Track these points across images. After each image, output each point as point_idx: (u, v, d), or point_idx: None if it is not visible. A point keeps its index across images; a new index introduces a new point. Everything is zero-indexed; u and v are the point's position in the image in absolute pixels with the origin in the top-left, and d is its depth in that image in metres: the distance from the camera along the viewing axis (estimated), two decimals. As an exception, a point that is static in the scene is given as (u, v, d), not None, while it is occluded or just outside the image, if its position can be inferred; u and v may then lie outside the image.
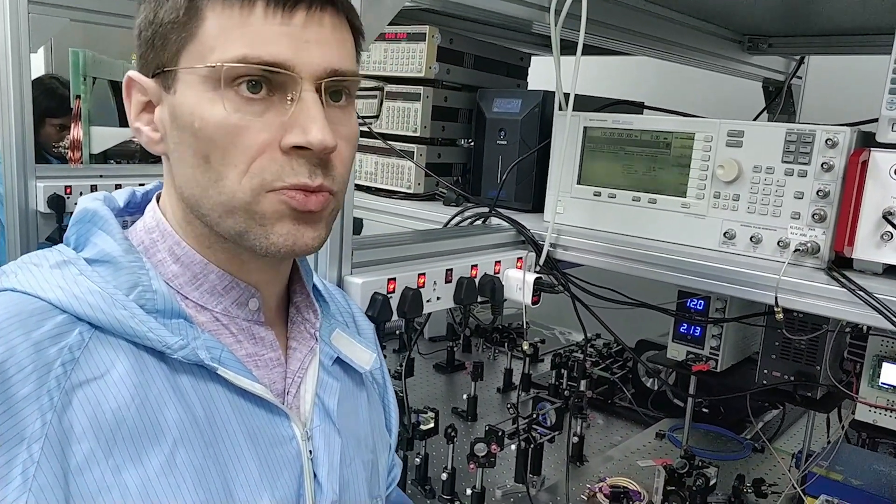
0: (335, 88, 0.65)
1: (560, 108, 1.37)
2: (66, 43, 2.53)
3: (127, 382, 0.60)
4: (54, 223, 1.82)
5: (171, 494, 0.60)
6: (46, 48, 2.78)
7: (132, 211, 0.74)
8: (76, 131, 2.07)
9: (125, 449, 0.59)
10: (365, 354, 0.81)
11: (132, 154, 2.34)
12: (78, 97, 2.10)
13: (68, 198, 1.82)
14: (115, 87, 2.45)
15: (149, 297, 0.63)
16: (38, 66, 2.74)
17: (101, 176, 1.95)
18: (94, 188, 1.87)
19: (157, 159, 0.72)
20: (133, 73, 0.67)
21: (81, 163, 2.09)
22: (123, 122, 2.46)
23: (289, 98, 0.62)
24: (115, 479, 0.58)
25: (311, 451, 0.71)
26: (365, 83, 0.70)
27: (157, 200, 0.72)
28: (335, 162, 0.65)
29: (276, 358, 0.73)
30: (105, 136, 2.15)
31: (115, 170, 2.14)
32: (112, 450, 0.58)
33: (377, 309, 1.03)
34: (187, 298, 0.68)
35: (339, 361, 0.78)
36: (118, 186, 1.93)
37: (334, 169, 0.65)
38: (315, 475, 0.71)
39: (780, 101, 2.15)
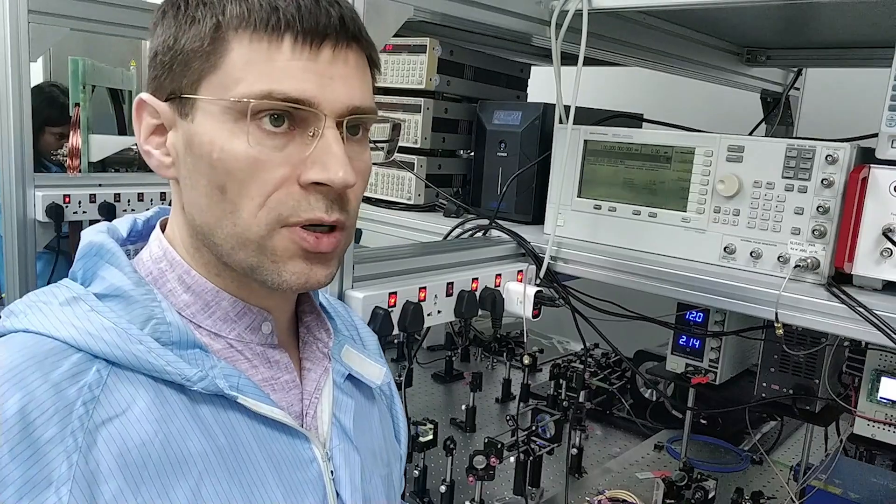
0: (353, 123, 0.65)
1: (560, 122, 1.38)
2: (64, 51, 2.53)
3: (149, 417, 0.60)
4: (52, 232, 1.82)
5: None
6: (45, 56, 2.78)
7: (134, 239, 0.73)
8: (75, 139, 2.07)
9: (152, 485, 0.58)
10: (374, 369, 0.81)
11: (131, 162, 2.34)
12: (77, 105, 2.10)
13: (67, 207, 1.81)
14: (114, 95, 2.45)
15: (163, 330, 0.63)
16: (36, 73, 2.74)
17: (99, 185, 1.94)
18: (92, 197, 1.87)
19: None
20: (145, 96, 0.66)
21: (80, 171, 2.08)
22: (122, 131, 2.46)
23: (310, 133, 0.62)
24: None
25: (332, 472, 0.71)
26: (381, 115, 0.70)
27: (162, 227, 0.72)
28: (350, 196, 0.66)
29: (292, 380, 0.72)
30: (104, 144, 2.15)
31: (114, 178, 2.13)
32: (140, 487, 0.57)
33: (378, 323, 1.03)
34: (200, 327, 0.67)
35: (349, 378, 0.78)
36: (117, 195, 1.94)
37: (349, 203, 0.66)
38: (338, 494, 0.71)
39: (778, 112, 2.16)
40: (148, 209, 0.75)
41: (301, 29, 0.61)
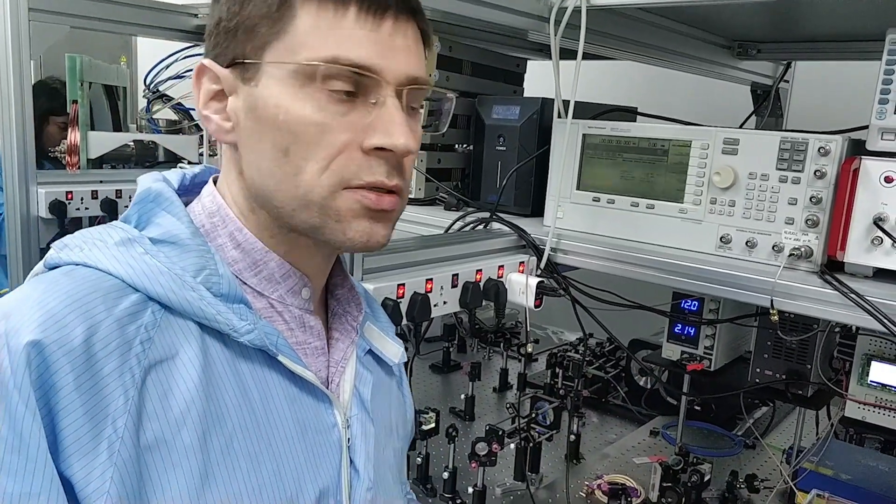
0: (413, 94, 0.67)
1: (559, 116, 1.41)
2: (55, 48, 2.53)
3: (195, 364, 0.62)
4: (55, 228, 1.83)
5: (228, 479, 0.62)
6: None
7: (180, 194, 0.73)
8: (73, 136, 2.07)
9: (193, 431, 0.60)
10: (394, 347, 0.84)
11: (128, 158, 2.35)
12: (75, 102, 2.10)
13: (69, 203, 1.83)
14: (109, 91, 2.46)
15: (214, 281, 0.64)
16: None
17: (101, 181, 1.95)
18: (94, 193, 1.88)
19: (152, 163, 0.73)
20: (207, 62, 0.67)
21: (79, 167, 2.09)
22: (117, 127, 2.47)
23: (372, 101, 0.64)
24: (180, 460, 0.59)
25: (349, 439, 0.74)
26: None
27: (214, 184, 0.73)
28: (406, 164, 0.68)
29: (321, 347, 0.75)
30: (102, 141, 2.15)
31: (116, 174, 2.14)
32: (181, 431, 0.60)
33: (388, 314, 1.05)
34: (245, 284, 0.69)
35: (370, 353, 0.82)
36: (118, 192, 1.95)
37: (405, 171, 0.68)
38: (352, 462, 0.74)
39: (768, 104, 2.20)
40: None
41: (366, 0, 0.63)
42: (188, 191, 0.74)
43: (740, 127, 1.91)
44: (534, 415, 1.60)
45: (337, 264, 0.81)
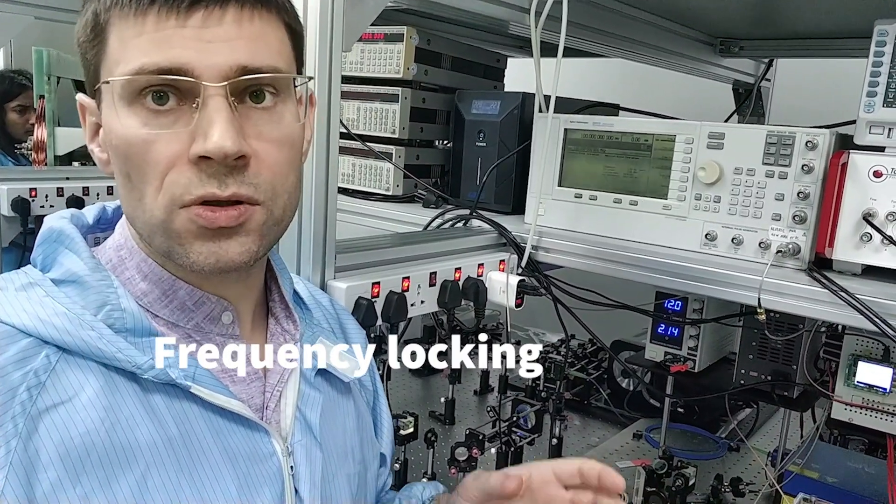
0: (254, 89, 0.61)
1: (540, 111, 1.37)
2: (26, 41, 2.46)
3: (97, 405, 0.58)
4: (18, 227, 1.76)
5: None
6: (5, 46, 2.70)
7: (104, 227, 0.72)
8: (40, 132, 2.01)
9: (94, 475, 0.57)
10: (348, 364, 0.78)
11: (98, 155, 2.28)
12: (42, 97, 2.04)
13: (33, 200, 1.76)
14: (81, 87, 2.39)
15: (117, 317, 0.62)
16: (-2, 64, 2.65)
17: (67, 178, 1.88)
18: (60, 190, 1.82)
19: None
20: (81, 96, 0.66)
21: (46, 164, 2.03)
22: (88, 123, 2.40)
23: (194, 105, 0.59)
24: None
25: (291, 467, 0.70)
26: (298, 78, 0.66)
27: None
28: (257, 168, 0.61)
29: (254, 372, 0.71)
30: (70, 137, 2.09)
31: (82, 171, 2.07)
32: (80, 476, 0.56)
33: (362, 314, 1.01)
34: (157, 316, 0.66)
35: (322, 372, 0.77)
36: (85, 189, 1.88)
37: (257, 176, 0.61)
38: (297, 491, 0.70)
39: (749, 103, 2.18)
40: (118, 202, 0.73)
41: None
42: (111, 224, 0.72)
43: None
44: (515, 418, 1.56)
45: (273, 279, 0.76)
